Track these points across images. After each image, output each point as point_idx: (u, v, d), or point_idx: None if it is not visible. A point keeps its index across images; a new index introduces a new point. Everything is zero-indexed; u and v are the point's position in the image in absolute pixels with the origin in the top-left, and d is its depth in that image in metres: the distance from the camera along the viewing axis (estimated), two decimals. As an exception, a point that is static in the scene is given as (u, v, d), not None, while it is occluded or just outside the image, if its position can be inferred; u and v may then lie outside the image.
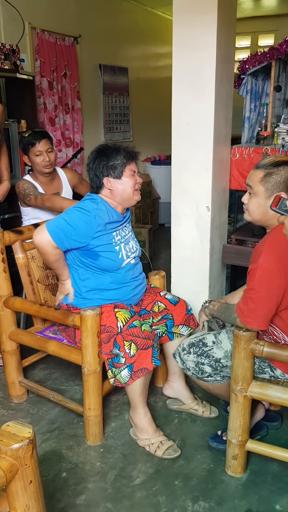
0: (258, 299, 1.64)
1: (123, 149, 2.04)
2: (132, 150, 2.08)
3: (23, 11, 4.04)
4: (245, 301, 1.69)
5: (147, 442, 2.06)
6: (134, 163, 2.08)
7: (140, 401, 2.03)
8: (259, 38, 7.26)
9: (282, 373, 1.81)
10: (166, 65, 6.48)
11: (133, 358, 1.91)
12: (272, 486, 1.88)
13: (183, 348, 1.97)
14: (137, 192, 2.09)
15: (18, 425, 1.04)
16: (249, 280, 1.68)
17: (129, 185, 2.05)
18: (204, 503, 1.80)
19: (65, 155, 4.84)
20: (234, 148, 2.84)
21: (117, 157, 2.01)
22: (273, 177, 1.68)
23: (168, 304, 2.24)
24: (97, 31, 5.22)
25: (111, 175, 2.02)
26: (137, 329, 1.95)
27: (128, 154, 2.04)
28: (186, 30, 2.34)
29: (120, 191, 2.05)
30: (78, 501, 1.82)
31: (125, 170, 2.03)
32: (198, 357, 1.91)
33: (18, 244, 2.30)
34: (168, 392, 2.37)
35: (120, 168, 2.02)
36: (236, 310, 1.73)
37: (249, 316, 1.67)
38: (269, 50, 2.98)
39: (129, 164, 2.04)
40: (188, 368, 1.95)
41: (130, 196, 2.07)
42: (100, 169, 2.02)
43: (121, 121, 5.92)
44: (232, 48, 2.57)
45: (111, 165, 2.01)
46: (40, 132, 2.77)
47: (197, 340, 1.95)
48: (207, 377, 1.93)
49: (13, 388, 2.40)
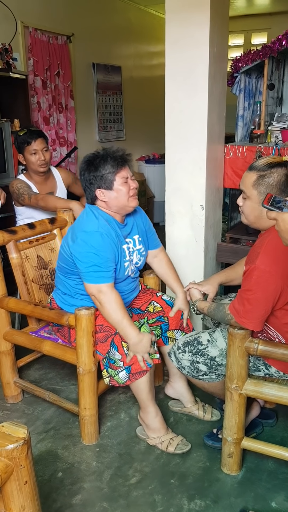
0: (255, 300, 1.64)
1: (110, 157, 1.93)
2: (121, 155, 1.95)
3: (15, 9, 4.02)
4: (241, 302, 1.69)
5: (158, 441, 2.06)
6: (126, 168, 1.96)
7: (149, 400, 2.02)
8: (252, 36, 7.26)
9: (276, 370, 1.81)
10: (159, 63, 6.48)
11: (130, 361, 1.91)
12: (267, 484, 1.88)
13: (178, 347, 1.97)
14: (133, 198, 1.99)
15: (13, 426, 1.03)
16: (246, 280, 1.68)
17: (122, 193, 1.95)
18: (200, 501, 1.80)
19: (59, 154, 4.83)
20: (227, 146, 2.84)
21: (105, 166, 1.91)
22: (266, 179, 1.67)
23: (165, 305, 2.22)
24: (90, 30, 5.21)
25: (103, 186, 1.94)
26: None
27: (116, 161, 1.92)
28: (179, 28, 2.34)
29: (114, 201, 1.96)
30: (74, 500, 1.82)
31: (116, 179, 1.93)
32: (193, 356, 1.91)
33: (12, 244, 2.29)
34: (169, 392, 2.35)
35: (110, 178, 1.92)
36: (231, 310, 1.73)
37: (245, 316, 1.67)
38: (262, 48, 2.98)
39: (119, 172, 1.93)
40: (183, 367, 1.96)
41: (126, 203, 1.97)
42: (90, 181, 1.95)
43: (115, 120, 5.91)
44: (225, 46, 2.57)
45: (100, 176, 1.92)
46: (36, 131, 2.77)
47: (192, 338, 1.95)
48: (202, 375, 1.93)
49: (8, 388, 2.39)
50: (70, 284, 2.09)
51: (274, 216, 1.25)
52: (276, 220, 1.25)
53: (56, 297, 2.19)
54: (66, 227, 2.55)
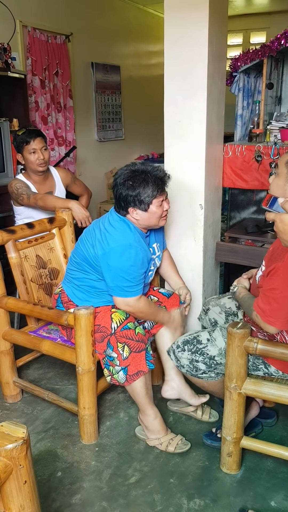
0: (283, 298, 1.60)
1: (151, 180, 1.90)
2: (162, 177, 1.95)
3: (14, 9, 4.01)
4: (266, 301, 1.65)
5: (157, 442, 2.06)
6: (164, 192, 1.97)
7: (147, 403, 2.02)
8: (251, 36, 7.26)
9: (276, 370, 1.81)
10: (158, 63, 6.48)
11: (126, 361, 1.91)
12: (267, 483, 1.88)
13: (177, 345, 1.97)
14: (163, 219, 2.02)
15: (12, 425, 1.03)
16: (271, 279, 1.64)
17: (155, 216, 1.97)
18: (199, 500, 1.80)
19: (57, 153, 4.83)
20: (226, 145, 2.84)
21: (145, 189, 1.90)
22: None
23: (161, 296, 2.25)
24: (89, 29, 5.20)
25: (137, 207, 1.93)
26: (130, 331, 1.94)
27: (157, 186, 1.91)
28: (178, 27, 2.34)
29: (146, 220, 1.98)
30: (73, 500, 1.82)
31: (153, 203, 1.93)
32: (193, 355, 1.91)
33: (11, 244, 2.29)
34: (168, 394, 2.23)
35: (148, 201, 1.92)
36: (256, 309, 1.69)
37: (272, 315, 1.63)
38: (261, 47, 2.98)
39: (157, 197, 1.93)
40: (182, 366, 1.95)
41: (156, 224, 2.01)
42: (126, 199, 1.93)
43: (114, 119, 5.91)
44: (224, 46, 2.56)
45: (138, 198, 1.91)
46: (35, 130, 2.76)
47: (192, 337, 1.95)
48: (201, 374, 1.93)
49: (7, 388, 2.39)
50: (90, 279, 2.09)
51: (272, 217, 1.26)
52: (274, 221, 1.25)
53: (68, 289, 2.18)
54: (65, 227, 2.54)
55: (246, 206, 3.23)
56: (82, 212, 2.57)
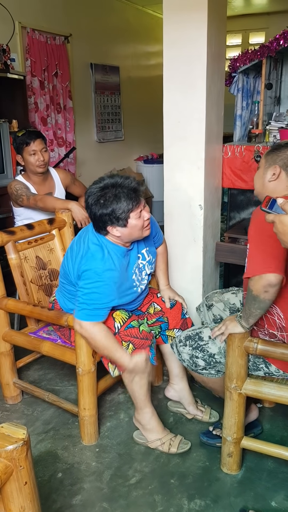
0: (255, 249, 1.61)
1: (124, 194, 1.79)
2: (134, 188, 1.82)
3: (13, 10, 4.01)
4: (249, 262, 1.64)
5: (159, 443, 2.05)
6: (140, 201, 1.85)
7: (145, 401, 2.02)
8: (250, 36, 7.27)
9: (276, 369, 1.81)
10: (157, 63, 6.48)
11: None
12: (267, 483, 1.88)
13: (179, 340, 1.99)
14: (146, 229, 1.91)
15: (12, 427, 1.03)
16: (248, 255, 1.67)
17: (136, 228, 1.86)
18: (200, 501, 1.80)
19: (57, 154, 4.83)
20: (226, 146, 2.84)
21: (119, 205, 1.78)
22: (276, 152, 1.73)
23: (164, 306, 2.22)
24: (88, 30, 5.20)
25: (115, 224, 1.82)
26: (135, 329, 1.94)
27: (130, 199, 1.79)
28: (177, 28, 2.34)
29: (127, 236, 1.87)
30: (74, 501, 1.82)
31: (130, 216, 1.82)
32: (193, 350, 1.92)
33: (11, 245, 2.29)
34: (170, 394, 2.32)
35: (124, 216, 1.81)
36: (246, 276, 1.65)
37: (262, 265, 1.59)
38: (260, 48, 2.98)
39: (134, 210, 1.82)
40: (183, 360, 1.97)
41: (139, 235, 1.91)
42: (102, 219, 1.82)
43: (113, 120, 5.91)
44: (223, 46, 2.57)
45: (114, 216, 1.80)
46: (35, 132, 2.76)
47: (194, 333, 1.96)
48: (201, 370, 1.94)
49: (7, 389, 2.39)
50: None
51: (272, 219, 1.25)
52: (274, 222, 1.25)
53: (60, 299, 2.16)
54: (64, 228, 2.54)
55: (245, 206, 3.23)
56: (82, 213, 2.57)
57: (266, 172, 1.75)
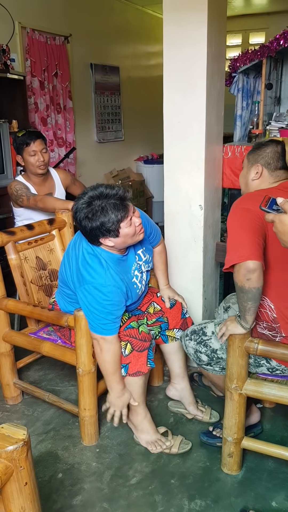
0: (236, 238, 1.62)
1: (110, 206, 1.74)
2: (122, 196, 1.78)
3: (13, 10, 4.01)
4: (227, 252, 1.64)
5: (160, 447, 2.05)
6: (128, 210, 1.81)
7: (140, 402, 2.02)
8: (250, 36, 7.26)
9: (277, 364, 1.81)
10: (157, 63, 6.48)
11: (127, 359, 1.91)
12: (268, 483, 1.88)
13: (186, 334, 2.02)
14: (140, 233, 1.89)
15: (13, 427, 1.03)
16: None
17: (129, 236, 1.83)
18: (200, 501, 1.80)
19: (57, 155, 4.83)
20: (226, 146, 2.84)
21: (107, 217, 1.74)
22: (257, 151, 1.80)
23: (164, 306, 2.22)
24: (88, 30, 5.20)
25: (107, 235, 1.80)
26: (134, 330, 1.94)
27: (117, 210, 1.75)
28: (177, 28, 2.34)
29: (121, 244, 1.85)
30: (74, 501, 1.81)
31: (121, 226, 1.78)
32: (197, 345, 1.93)
33: (11, 245, 2.29)
34: (171, 393, 2.32)
35: (115, 227, 1.77)
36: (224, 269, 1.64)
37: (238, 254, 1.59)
38: (260, 48, 2.99)
39: (124, 220, 1.78)
40: (189, 353, 2.00)
41: (133, 241, 1.89)
42: (93, 233, 1.80)
43: (113, 120, 5.91)
44: (223, 46, 2.56)
45: (104, 228, 1.77)
46: (35, 132, 2.76)
47: (199, 328, 1.98)
48: (205, 365, 1.95)
49: (7, 389, 2.39)
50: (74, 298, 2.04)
51: (271, 218, 1.25)
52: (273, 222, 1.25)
53: (60, 301, 2.15)
54: (65, 228, 2.54)
55: (245, 206, 3.22)
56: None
57: (249, 171, 1.82)
